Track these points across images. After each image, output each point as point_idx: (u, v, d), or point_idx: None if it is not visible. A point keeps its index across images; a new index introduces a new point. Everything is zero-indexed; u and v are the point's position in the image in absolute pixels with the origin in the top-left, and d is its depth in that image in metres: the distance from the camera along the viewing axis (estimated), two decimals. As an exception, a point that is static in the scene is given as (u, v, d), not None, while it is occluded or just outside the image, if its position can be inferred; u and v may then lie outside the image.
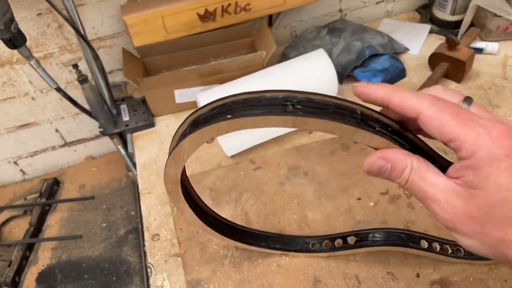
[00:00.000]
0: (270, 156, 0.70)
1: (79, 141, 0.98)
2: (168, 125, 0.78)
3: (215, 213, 0.51)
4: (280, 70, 0.73)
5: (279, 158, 0.69)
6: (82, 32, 0.65)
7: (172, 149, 0.35)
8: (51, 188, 0.95)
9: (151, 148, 0.74)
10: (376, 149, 0.31)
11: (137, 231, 0.86)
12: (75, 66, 0.68)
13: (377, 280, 0.54)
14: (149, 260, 0.59)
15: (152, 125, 0.77)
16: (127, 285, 0.78)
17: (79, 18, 0.64)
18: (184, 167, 0.41)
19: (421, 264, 0.54)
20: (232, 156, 0.71)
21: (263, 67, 0.76)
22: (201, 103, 0.70)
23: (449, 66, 0.77)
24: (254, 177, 0.67)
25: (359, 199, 0.62)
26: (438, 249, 0.52)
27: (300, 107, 0.30)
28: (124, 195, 0.94)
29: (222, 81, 0.75)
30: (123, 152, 0.79)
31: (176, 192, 0.42)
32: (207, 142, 0.34)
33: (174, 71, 0.72)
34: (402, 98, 0.28)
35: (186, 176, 0.45)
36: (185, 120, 0.35)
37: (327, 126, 0.30)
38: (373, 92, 0.29)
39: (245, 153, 0.71)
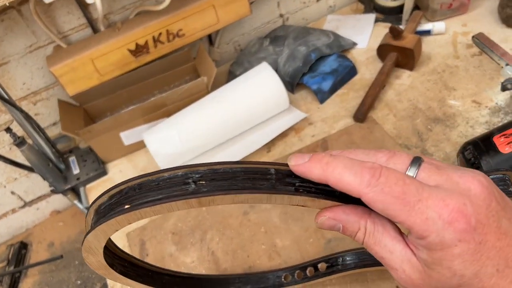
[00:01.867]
0: (230, 185, 0.66)
1: (39, 198, 0.93)
2: (121, 170, 0.74)
3: (170, 271, 0.47)
4: (226, 93, 0.69)
5: (240, 186, 0.66)
6: (5, 96, 0.60)
7: (82, 242, 0.32)
8: (19, 253, 0.90)
9: (107, 198, 0.70)
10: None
11: (113, 282, 0.82)
12: (8, 130, 0.64)
13: (357, 302, 0.51)
14: (117, 325, 0.55)
15: (104, 173, 0.73)
16: None
17: (-1, 81, 0.60)
18: (114, 244, 0.38)
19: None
20: (191, 192, 0.67)
21: (208, 92, 0.72)
22: (148, 144, 0.66)
23: (398, 56, 0.74)
24: (217, 211, 0.64)
25: (326, 215, 0.59)
26: None
27: (203, 182, 0.26)
28: (95, 246, 0.89)
29: (168, 114, 0.71)
30: (80, 206, 0.75)
31: (110, 274, 0.38)
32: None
33: (115, 115, 0.68)
34: (338, 177, 0.25)
35: (120, 250, 0.41)
36: (89, 209, 0.31)
37: (238, 198, 0.26)
38: (308, 172, 0.26)
39: (204, 186, 0.67)
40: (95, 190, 0.72)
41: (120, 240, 0.64)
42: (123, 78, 0.74)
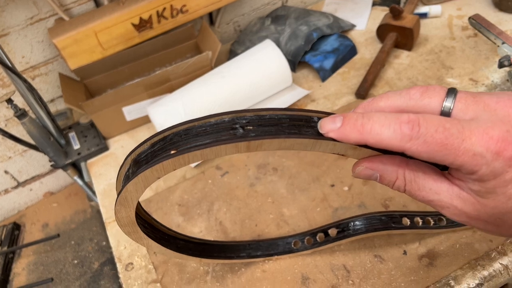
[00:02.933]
0: (237, 159, 0.67)
1: (33, 179, 0.92)
2: (123, 145, 0.73)
3: (185, 236, 0.47)
4: (230, 68, 0.70)
5: (245, 159, 0.67)
6: (9, 64, 0.59)
7: (118, 193, 0.32)
8: (12, 234, 0.88)
9: (109, 173, 0.69)
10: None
11: (112, 261, 0.81)
12: (9, 101, 0.63)
13: (365, 265, 0.52)
14: (126, 292, 0.55)
15: (105, 148, 0.73)
16: (111, 321, 0.73)
17: (2, 50, 0.58)
18: (138, 202, 0.38)
19: (406, 241, 0.53)
20: (196, 166, 0.67)
21: (211, 68, 0.72)
22: (152, 117, 0.66)
23: (398, 36, 0.76)
24: (223, 183, 0.64)
25: (332, 186, 0.60)
26: (421, 223, 0.51)
27: (251, 127, 0.27)
28: (92, 226, 0.88)
29: (171, 90, 0.71)
30: (80, 182, 0.74)
31: (135, 232, 0.38)
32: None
33: (118, 88, 0.68)
34: (377, 138, 0.24)
35: (142, 209, 0.42)
36: (126, 159, 0.31)
37: (285, 143, 0.27)
38: (344, 137, 0.26)
39: (209, 160, 0.67)
40: (96, 165, 0.71)
41: (125, 212, 0.63)
42: (125, 53, 0.73)
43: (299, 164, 0.64)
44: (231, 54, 0.83)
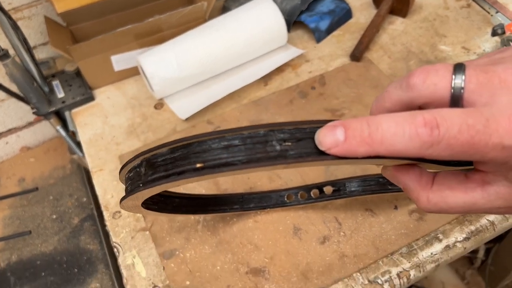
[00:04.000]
0: (228, 114, 0.66)
1: (10, 131, 0.88)
2: (109, 96, 0.71)
3: (178, 193, 0.46)
4: (225, 22, 0.68)
5: (238, 115, 0.66)
6: (-8, -3, 0.56)
7: (129, 192, 0.29)
8: (-14, 187, 0.85)
9: (95, 123, 0.67)
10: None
11: (93, 217, 0.80)
12: (-9, 39, 0.59)
13: (357, 218, 0.52)
14: (113, 239, 0.54)
15: (91, 98, 0.70)
16: (91, 275, 0.72)
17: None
18: None
19: (397, 196, 0.54)
20: (187, 119, 0.66)
21: (205, 21, 0.70)
22: (143, 66, 0.63)
23: (394, 1, 0.76)
24: (214, 136, 0.63)
25: (326, 143, 0.60)
26: None
27: (289, 144, 0.24)
28: (72, 182, 0.86)
29: (162, 41, 0.69)
30: (63, 133, 0.71)
31: (137, 210, 0.36)
32: None
33: (107, 34, 0.65)
34: (391, 150, 0.21)
35: None
36: (138, 156, 0.28)
37: (324, 162, 0.24)
38: (350, 153, 0.22)
39: (200, 114, 0.66)
40: (81, 115, 0.68)
41: (111, 163, 0.61)
42: (116, 0, 0.70)
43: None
44: (224, 10, 0.81)
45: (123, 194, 0.53)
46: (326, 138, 0.22)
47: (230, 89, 0.67)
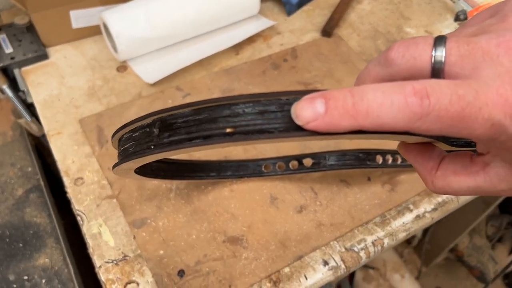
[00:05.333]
0: (198, 81, 0.63)
1: None
2: (66, 56, 0.65)
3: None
4: (197, -16, 0.64)
5: (209, 83, 0.63)
6: None
7: (136, 154, 0.25)
8: None
9: (50, 83, 0.61)
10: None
11: (39, 188, 0.73)
12: None
13: (332, 189, 0.53)
14: (76, 207, 0.50)
15: (45, 56, 0.63)
16: (40, 249, 0.66)
17: None
18: None
19: (370, 168, 0.55)
20: (154, 84, 0.62)
21: (176, -18, 0.66)
22: (108, 23, 0.58)
23: (363, -19, 0.77)
24: (185, 103, 0.60)
25: (299, 115, 0.60)
26: (391, 160, 0.53)
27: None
28: (14, 151, 0.78)
29: (128, 0, 0.64)
30: (9, 93, 0.64)
31: (128, 175, 0.33)
32: None
33: (68, -15, 0.59)
34: (378, 122, 0.19)
35: None
36: (149, 115, 0.24)
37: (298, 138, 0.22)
38: (333, 127, 0.20)
39: (168, 79, 0.62)
40: (34, 74, 0.62)
41: (71, 126, 0.56)
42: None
43: (266, 92, 0.62)
44: (192, -25, 0.77)
45: (86, 159, 0.49)
46: (304, 110, 0.20)
47: (200, 55, 0.64)
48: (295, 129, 0.21)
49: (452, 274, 1.43)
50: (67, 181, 0.51)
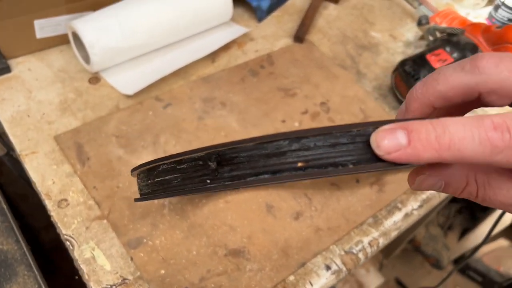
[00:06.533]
0: (178, 91, 0.61)
1: None
2: (30, 68, 0.60)
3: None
4: (169, -9, 0.62)
5: (189, 92, 0.61)
6: None
7: (186, 190, 0.25)
8: None
9: (16, 98, 0.56)
10: None
11: (3, 212, 0.67)
12: None
13: (324, 193, 0.54)
14: (64, 232, 0.46)
15: (7, 69, 0.58)
16: (11, 279, 0.60)
17: None
18: None
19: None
20: (130, 96, 0.59)
21: (146, -12, 0.64)
22: (80, 32, 0.55)
23: (328, -13, 0.79)
24: (167, 115, 0.58)
25: (283, 121, 0.60)
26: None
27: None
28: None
29: (96, 7, 0.61)
30: (-33, 111, 0.58)
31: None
32: None
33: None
34: (459, 155, 0.19)
35: None
36: (202, 149, 0.23)
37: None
38: (415, 158, 0.20)
39: (146, 90, 0.60)
40: (-5, 88, 0.57)
41: (46, 144, 0.52)
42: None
43: (247, 100, 0.62)
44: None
45: (68, 178, 0.46)
46: (387, 141, 0.20)
47: (176, 64, 0.62)
48: (372, 161, 0.21)
49: (409, 263, 1.51)
50: (49, 204, 0.48)
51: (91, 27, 0.56)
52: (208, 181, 0.23)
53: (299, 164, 0.21)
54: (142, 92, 0.60)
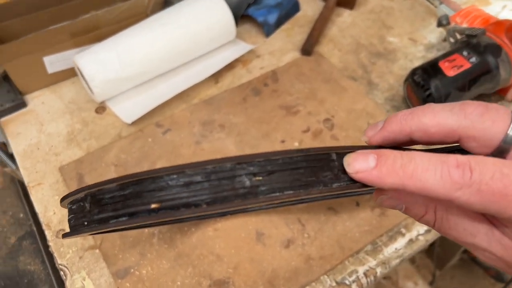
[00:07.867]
0: (178, 115, 0.62)
1: None
2: (43, 101, 0.64)
3: None
4: (169, 16, 0.63)
5: (189, 116, 0.62)
6: None
7: (72, 231, 0.24)
8: None
9: (29, 132, 0.60)
10: None
11: (32, 234, 0.73)
12: None
13: (320, 218, 0.51)
14: (59, 261, 0.48)
15: (23, 105, 0.63)
16: (35, 299, 0.65)
17: None
18: None
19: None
20: (133, 123, 0.61)
21: (146, 16, 0.65)
22: (82, 67, 0.58)
23: (340, -7, 0.75)
24: (166, 141, 0.59)
25: (283, 141, 0.58)
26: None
27: (260, 178, 0.21)
28: (6, 197, 0.77)
29: (101, 39, 0.63)
30: (-8, 144, 0.64)
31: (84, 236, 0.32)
32: None
33: (39, 32, 0.58)
34: (420, 185, 0.20)
35: None
36: (82, 190, 0.23)
37: (303, 196, 0.22)
38: (379, 181, 0.21)
39: (147, 116, 0.61)
40: (13, 124, 0.61)
41: (51, 176, 0.56)
42: (45, -6, 0.63)
43: (247, 121, 0.61)
44: (167, 4, 0.76)
45: (65, 210, 0.47)
46: (356, 162, 0.22)
47: (179, 88, 0.63)
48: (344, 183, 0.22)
49: (469, 274, 1.39)
50: (48, 235, 0.50)
51: (90, 60, 0.58)
52: (86, 223, 0.23)
53: (153, 206, 0.21)
54: (144, 119, 0.61)
